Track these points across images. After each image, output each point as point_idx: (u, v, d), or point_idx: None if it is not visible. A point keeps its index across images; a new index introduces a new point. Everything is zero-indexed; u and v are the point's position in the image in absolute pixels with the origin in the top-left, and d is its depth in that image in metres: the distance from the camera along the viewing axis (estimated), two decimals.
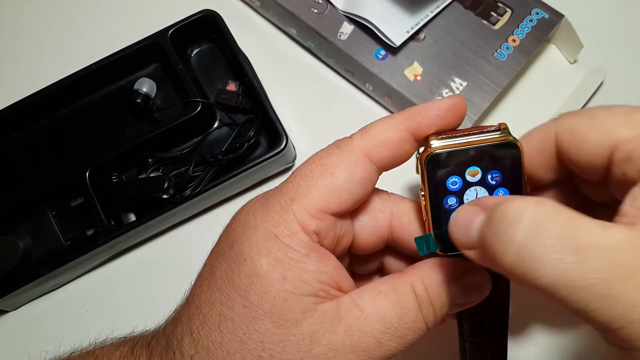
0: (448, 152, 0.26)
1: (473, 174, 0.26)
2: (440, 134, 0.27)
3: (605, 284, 0.19)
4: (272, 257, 0.25)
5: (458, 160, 0.26)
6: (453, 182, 0.27)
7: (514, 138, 0.26)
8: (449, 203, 0.27)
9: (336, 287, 0.26)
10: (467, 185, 0.27)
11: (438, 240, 0.27)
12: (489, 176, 0.26)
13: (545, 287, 0.20)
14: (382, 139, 0.26)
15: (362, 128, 0.27)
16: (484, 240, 0.22)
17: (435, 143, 0.26)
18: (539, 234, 0.20)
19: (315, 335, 0.24)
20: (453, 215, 0.24)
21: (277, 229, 0.25)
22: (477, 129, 0.27)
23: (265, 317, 0.24)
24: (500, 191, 0.27)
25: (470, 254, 0.23)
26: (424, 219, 0.27)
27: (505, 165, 0.26)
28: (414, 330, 0.25)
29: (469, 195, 0.27)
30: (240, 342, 0.24)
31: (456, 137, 0.26)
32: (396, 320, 0.25)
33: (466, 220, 0.23)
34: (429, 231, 0.27)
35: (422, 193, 0.27)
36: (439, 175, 0.26)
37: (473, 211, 0.23)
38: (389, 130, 0.26)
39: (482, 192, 0.27)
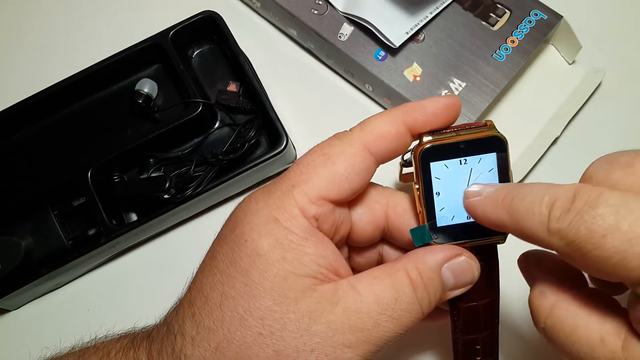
0: (440, 146, 0.28)
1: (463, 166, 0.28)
2: (431, 129, 0.28)
3: None
4: (272, 238, 0.25)
5: (449, 154, 0.28)
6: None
7: (500, 133, 0.28)
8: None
9: (333, 271, 0.26)
10: (458, 177, 0.28)
11: (432, 230, 0.28)
12: (478, 168, 0.28)
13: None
14: (380, 132, 0.27)
15: (361, 122, 0.28)
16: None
17: (428, 138, 0.28)
18: None
19: (314, 314, 0.25)
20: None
21: (277, 212, 0.26)
22: (466, 126, 0.28)
23: (266, 295, 0.25)
24: (490, 182, 0.28)
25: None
26: (418, 211, 0.28)
27: (492, 158, 0.28)
28: (410, 312, 0.26)
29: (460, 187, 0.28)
30: (241, 319, 0.25)
31: (447, 132, 0.28)
32: (392, 302, 0.25)
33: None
34: (424, 222, 0.28)
35: (417, 186, 0.28)
36: (431, 168, 0.28)
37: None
38: (387, 125, 0.27)
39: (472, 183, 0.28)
